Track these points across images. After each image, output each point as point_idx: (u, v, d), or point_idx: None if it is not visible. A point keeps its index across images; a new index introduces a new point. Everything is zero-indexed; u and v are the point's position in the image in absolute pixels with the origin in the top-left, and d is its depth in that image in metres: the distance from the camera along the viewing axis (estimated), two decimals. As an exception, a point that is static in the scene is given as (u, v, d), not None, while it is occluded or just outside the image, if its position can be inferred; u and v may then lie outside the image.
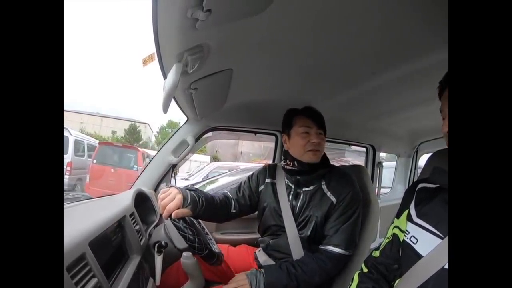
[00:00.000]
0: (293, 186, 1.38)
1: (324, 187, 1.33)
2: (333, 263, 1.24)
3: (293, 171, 1.35)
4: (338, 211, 1.27)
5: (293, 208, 1.35)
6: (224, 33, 0.76)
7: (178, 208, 1.09)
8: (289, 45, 0.93)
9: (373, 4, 0.73)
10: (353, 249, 1.28)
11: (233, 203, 1.43)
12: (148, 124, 40.75)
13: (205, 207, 1.20)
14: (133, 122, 34.33)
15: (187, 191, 1.18)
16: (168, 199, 1.10)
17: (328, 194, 1.30)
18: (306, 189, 1.35)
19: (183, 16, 0.60)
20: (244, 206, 1.45)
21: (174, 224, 1.09)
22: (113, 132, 34.54)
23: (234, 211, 1.42)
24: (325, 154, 1.41)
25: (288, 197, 1.37)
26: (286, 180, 1.41)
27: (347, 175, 1.37)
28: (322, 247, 1.27)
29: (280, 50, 0.96)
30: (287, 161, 1.37)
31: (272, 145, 2.12)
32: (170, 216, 1.07)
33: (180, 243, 1.12)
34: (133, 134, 32.22)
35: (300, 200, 1.34)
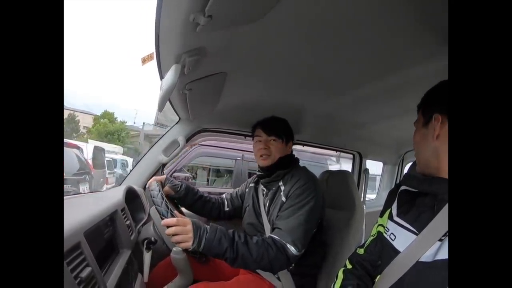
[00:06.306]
0: (265, 190, 1.48)
1: (281, 188, 1.37)
2: (277, 251, 1.15)
3: (259, 175, 1.50)
4: (284, 206, 1.28)
5: (264, 208, 1.44)
6: (222, 37, 0.80)
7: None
8: (283, 53, 0.97)
9: (364, 18, 0.78)
10: (298, 247, 1.18)
11: (226, 202, 1.63)
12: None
13: (187, 193, 1.46)
14: (72, 112, 33.37)
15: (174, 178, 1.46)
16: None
17: (281, 193, 1.33)
18: (271, 191, 1.43)
19: (185, 20, 0.64)
20: (237, 205, 1.63)
21: (162, 219, 1.11)
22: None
23: (227, 209, 1.63)
24: (289, 156, 1.47)
25: (263, 199, 1.47)
26: (261, 184, 1.52)
27: (303, 175, 1.37)
28: (270, 235, 1.22)
29: (274, 56, 0.99)
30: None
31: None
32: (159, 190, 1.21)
33: (169, 239, 1.14)
34: (69, 124, 31.63)
35: (267, 202, 1.41)
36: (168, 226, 1.04)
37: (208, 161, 5.58)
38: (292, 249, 1.17)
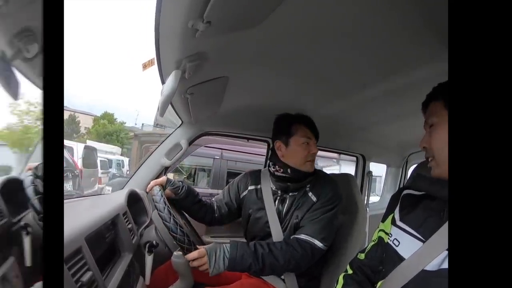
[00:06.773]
0: (279, 192, 1.40)
1: (308, 190, 1.35)
2: (303, 251, 1.20)
3: (285, 177, 1.36)
4: (315, 206, 1.29)
5: (279, 213, 1.37)
6: (222, 42, 0.80)
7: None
8: (283, 56, 0.97)
9: (366, 19, 0.78)
10: (327, 243, 1.26)
11: (215, 208, 1.51)
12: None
13: (187, 196, 1.37)
14: (73, 113, 33.44)
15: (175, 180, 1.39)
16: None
17: (310, 194, 1.33)
18: (292, 193, 1.37)
19: (184, 26, 0.64)
20: (224, 213, 1.51)
21: (165, 224, 1.11)
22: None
23: (216, 215, 1.51)
24: None
25: (275, 202, 1.39)
26: (272, 185, 1.43)
27: (331, 178, 1.42)
28: (295, 236, 1.26)
29: (275, 60, 1.00)
30: (277, 167, 1.37)
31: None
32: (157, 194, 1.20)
33: (171, 243, 1.14)
34: (70, 125, 31.66)
35: (286, 205, 1.37)
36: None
37: (186, 160, 5.37)
38: (320, 244, 1.23)
